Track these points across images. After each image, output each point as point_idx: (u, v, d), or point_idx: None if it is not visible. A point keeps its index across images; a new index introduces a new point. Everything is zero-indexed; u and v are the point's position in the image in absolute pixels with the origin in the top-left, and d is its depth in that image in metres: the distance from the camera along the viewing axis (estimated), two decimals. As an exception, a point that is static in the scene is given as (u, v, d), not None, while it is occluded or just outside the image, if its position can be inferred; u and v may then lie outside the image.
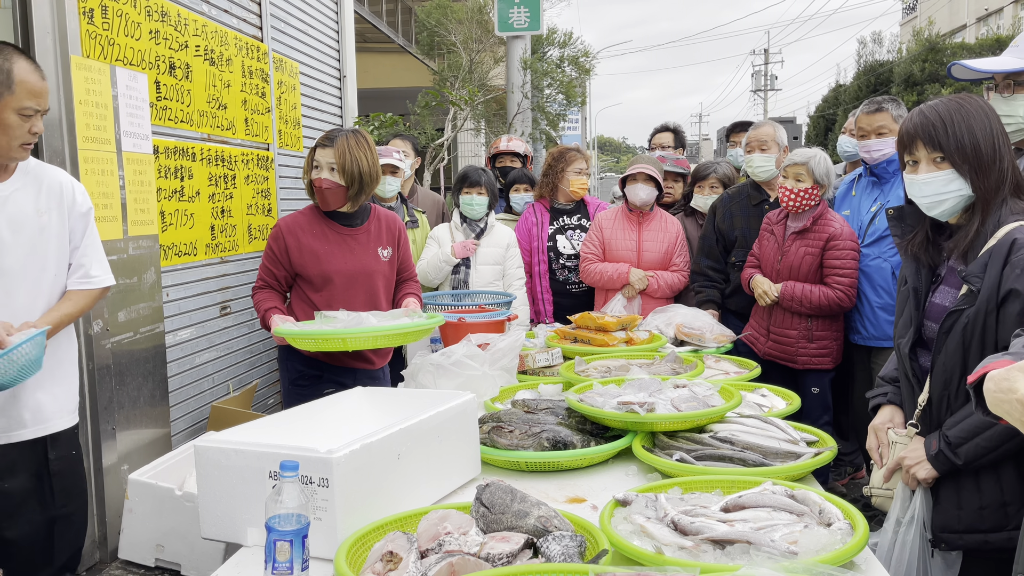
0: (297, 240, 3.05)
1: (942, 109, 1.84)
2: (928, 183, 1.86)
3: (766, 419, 2.17)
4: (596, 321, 3.26)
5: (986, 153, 1.80)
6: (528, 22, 9.57)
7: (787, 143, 4.08)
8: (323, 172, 3.00)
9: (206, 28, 4.30)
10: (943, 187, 1.84)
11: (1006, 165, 1.82)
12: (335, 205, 3.04)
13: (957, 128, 1.81)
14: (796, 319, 3.58)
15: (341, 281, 3.06)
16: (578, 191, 4.38)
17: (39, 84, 2.31)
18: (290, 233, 3.06)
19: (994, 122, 1.84)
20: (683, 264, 4.14)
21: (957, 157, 1.82)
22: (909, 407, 1.99)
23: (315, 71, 5.90)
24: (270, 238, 3.13)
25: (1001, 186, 1.82)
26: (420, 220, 4.42)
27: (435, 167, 8.30)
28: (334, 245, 3.06)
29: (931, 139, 1.84)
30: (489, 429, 2.12)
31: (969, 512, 1.79)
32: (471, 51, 9.60)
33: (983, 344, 1.75)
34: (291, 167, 5.34)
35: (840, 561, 1.37)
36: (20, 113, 2.26)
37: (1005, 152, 1.83)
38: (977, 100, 1.88)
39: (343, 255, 3.07)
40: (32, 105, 2.27)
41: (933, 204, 1.88)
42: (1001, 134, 1.84)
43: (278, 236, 3.09)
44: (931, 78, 19.39)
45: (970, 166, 1.81)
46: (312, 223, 3.08)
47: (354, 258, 3.08)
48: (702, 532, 1.46)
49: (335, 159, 2.98)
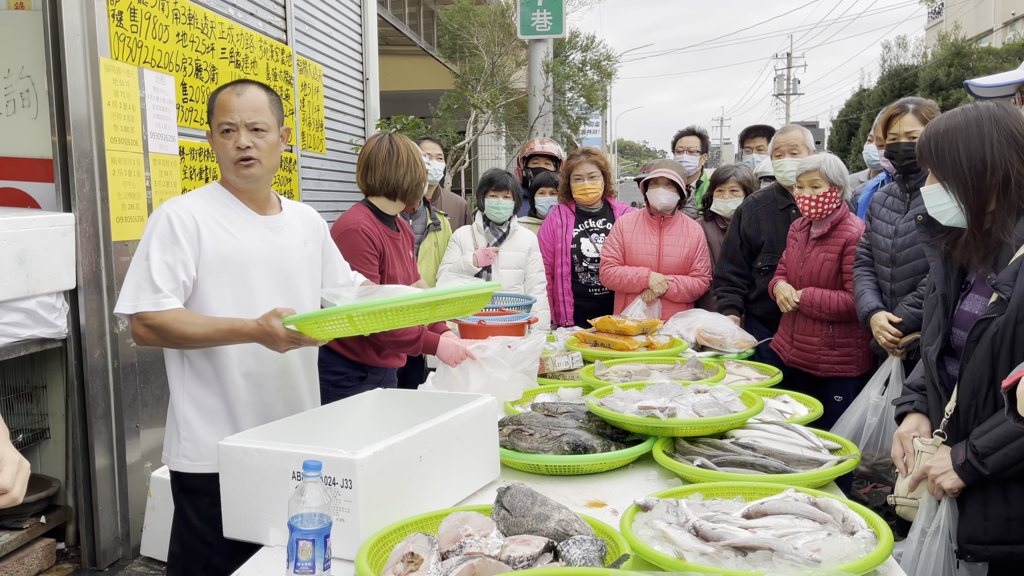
0: (381, 243, 2.95)
1: (932, 130, 1.93)
2: (929, 194, 1.97)
3: (788, 425, 2.15)
4: (616, 325, 3.25)
5: (972, 168, 1.84)
6: (551, 25, 9.57)
7: (814, 147, 4.05)
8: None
9: (232, 31, 4.34)
10: (939, 199, 1.94)
11: (1000, 177, 1.82)
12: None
13: (941, 147, 1.90)
14: (818, 326, 3.55)
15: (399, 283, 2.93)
16: (581, 197, 4.35)
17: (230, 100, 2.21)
18: (375, 235, 2.93)
19: (991, 133, 1.84)
20: (704, 269, 4.12)
21: (940, 173, 1.91)
22: (936, 415, 1.97)
23: (338, 74, 5.94)
24: (363, 246, 2.88)
25: (998, 197, 1.83)
26: (443, 223, 4.44)
27: (456, 170, 8.33)
28: (391, 249, 3.00)
29: (921, 155, 1.96)
30: (509, 432, 2.12)
31: (996, 523, 1.77)
32: (493, 54, 9.62)
33: (1012, 353, 1.72)
34: (313, 168, 5.38)
35: (864, 570, 1.35)
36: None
37: (1000, 163, 1.82)
38: (979, 112, 1.88)
39: (396, 258, 3.02)
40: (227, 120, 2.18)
41: (939, 214, 1.96)
42: (1001, 144, 1.83)
43: (369, 238, 2.90)
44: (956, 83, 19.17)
45: (953, 182, 1.89)
46: (376, 228, 2.97)
47: (401, 261, 3.04)
48: (724, 538, 1.45)
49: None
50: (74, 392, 3.49)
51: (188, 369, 2.21)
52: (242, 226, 2.23)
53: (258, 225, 2.26)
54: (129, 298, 2.11)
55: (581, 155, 4.39)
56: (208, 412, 2.21)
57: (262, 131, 2.20)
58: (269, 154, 2.22)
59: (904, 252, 3.12)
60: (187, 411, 2.21)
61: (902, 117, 3.10)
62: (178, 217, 2.14)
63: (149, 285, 2.08)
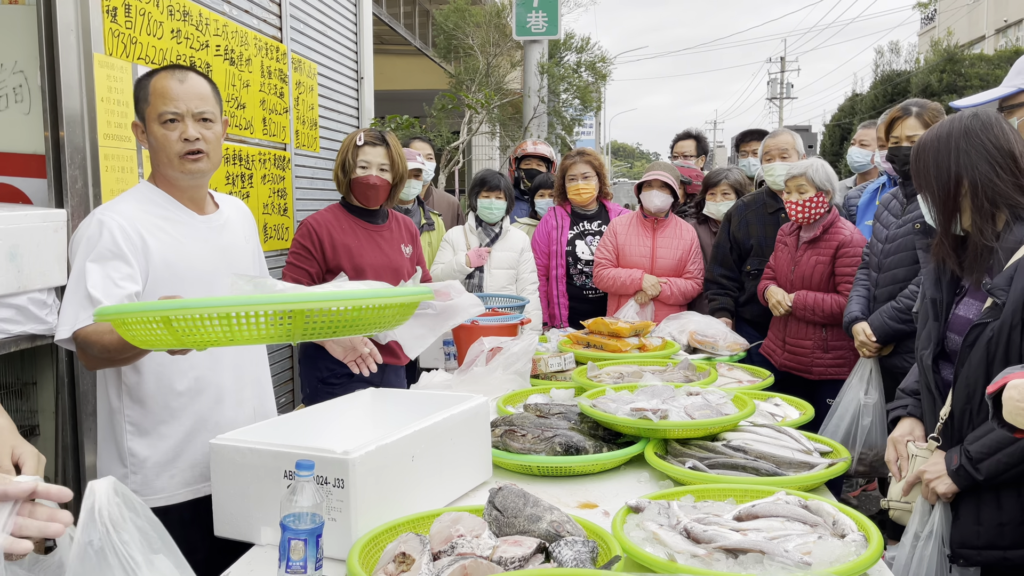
0: (330, 235, 3.07)
1: (918, 144, 2.00)
2: (921, 203, 2.05)
3: (780, 428, 2.16)
4: (609, 327, 3.26)
5: (939, 180, 1.91)
6: (546, 27, 9.58)
7: (804, 151, 4.07)
8: (372, 170, 3.05)
9: (227, 28, 4.33)
10: (924, 208, 2.03)
11: (967, 187, 1.87)
12: (382, 201, 3.13)
13: (916, 160, 1.98)
14: (811, 329, 3.57)
15: (373, 275, 3.05)
16: (575, 198, 4.36)
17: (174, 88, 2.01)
18: (322, 228, 3.08)
19: (959, 145, 1.88)
20: (697, 271, 4.13)
21: (917, 185, 2.01)
22: (930, 419, 1.98)
23: (333, 72, 5.93)
24: (299, 236, 3.10)
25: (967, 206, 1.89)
26: (436, 223, 4.44)
27: (450, 170, 8.33)
28: (364, 240, 3.11)
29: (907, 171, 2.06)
30: (501, 433, 2.12)
31: (989, 528, 1.77)
32: (488, 55, 9.61)
33: (1007, 358, 1.73)
34: (307, 167, 5.37)
35: (854, 573, 1.36)
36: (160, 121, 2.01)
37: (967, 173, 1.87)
38: (952, 126, 1.92)
39: (373, 250, 3.11)
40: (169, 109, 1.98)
41: (930, 221, 2.01)
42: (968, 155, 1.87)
43: (309, 232, 3.07)
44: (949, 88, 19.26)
45: (927, 193, 1.97)
46: (340, 220, 3.12)
47: (383, 253, 3.13)
48: (715, 541, 1.45)
49: (386, 159, 3.06)
50: (64, 389, 3.47)
51: (126, 395, 2.00)
52: (184, 230, 2.03)
53: (200, 227, 2.07)
54: (68, 321, 1.84)
55: (576, 156, 4.40)
56: (153, 438, 2.00)
57: (209, 121, 2.01)
58: (216, 146, 2.04)
59: (889, 259, 3.13)
60: (130, 442, 2.00)
61: (904, 120, 3.06)
62: (119, 227, 1.90)
63: (89, 302, 1.82)
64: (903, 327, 2.99)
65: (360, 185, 3.07)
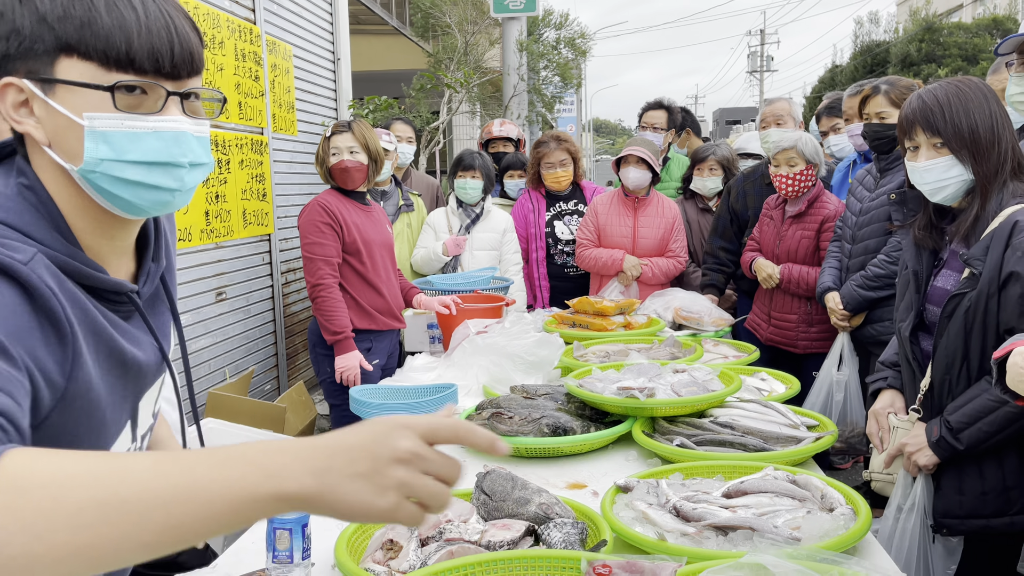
0: (340, 212, 3.22)
1: (940, 94, 1.84)
2: (929, 170, 1.86)
3: (766, 403, 2.16)
4: (594, 306, 3.24)
5: (984, 137, 1.80)
6: (524, 3, 9.48)
7: (801, 119, 4.05)
8: (344, 155, 3.21)
9: (198, 10, 4.25)
10: (943, 173, 1.85)
11: (1005, 147, 1.81)
12: (361, 182, 3.27)
13: (955, 113, 1.81)
14: (796, 303, 3.58)
15: (375, 251, 3.29)
16: (552, 185, 4.32)
17: None
18: (332, 206, 3.21)
19: (993, 104, 1.83)
20: (679, 249, 4.11)
21: (955, 143, 1.82)
22: (910, 391, 1.99)
23: (309, 54, 5.84)
24: (313, 216, 3.20)
25: (1000, 169, 1.81)
26: (416, 203, 4.39)
27: (430, 150, 8.25)
28: (363, 218, 3.30)
29: (929, 124, 1.84)
30: (488, 415, 2.11)
31: (971, 498, 1.79)
32: (466, 33, 9.50)
33: (984, 328, 1.74)
34: (285, 151, 5.30)
35: (843, 547, 1.36)
36: None
37: (1004, 134, 1.82)
38: (976, 83, 1.87)
39: (373, 226, 3.32)
40: None
41: (935, 191, 1.89)
42: (1001, 116, 1.83)
43: (324, 211, 3.19)
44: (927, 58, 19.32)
45: (968, 151, 1.81)
46: (340, 200, 3.28)
47: (377, 230, 3.34)
48: (704, 518, 1.45)
49: (356, 142, 3.22)
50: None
51: None
52: None
53: None
54: None
55: (551, 142, 4.31)
56: None
57: None
58: None
59: (862, 231, 3.17)
60: None
61: (875, 98, 3.09)
62: None
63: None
64: (871, 294, 3.09)
65: (336, 171, 3.25)
